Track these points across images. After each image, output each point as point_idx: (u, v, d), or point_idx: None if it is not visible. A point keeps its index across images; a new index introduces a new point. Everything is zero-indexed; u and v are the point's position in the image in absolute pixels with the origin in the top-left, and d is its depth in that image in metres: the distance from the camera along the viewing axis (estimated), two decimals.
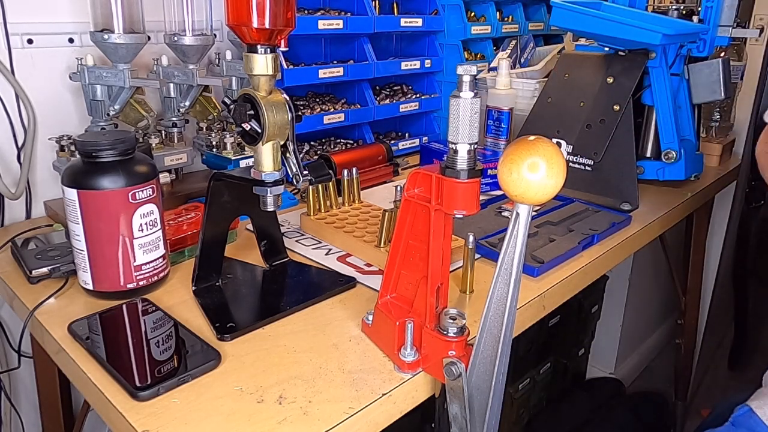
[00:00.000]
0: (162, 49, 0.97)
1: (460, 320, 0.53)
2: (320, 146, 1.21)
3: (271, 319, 0.63)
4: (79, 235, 0.63)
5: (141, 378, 0.52)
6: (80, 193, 0.62)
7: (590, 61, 1.03)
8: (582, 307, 1.52)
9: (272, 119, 0.60)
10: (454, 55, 1.31)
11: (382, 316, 0.57)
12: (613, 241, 0.86)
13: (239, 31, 0.57)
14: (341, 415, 0.49)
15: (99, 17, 0.86)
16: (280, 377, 0.54)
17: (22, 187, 0.88)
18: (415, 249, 0.55)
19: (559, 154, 0.43)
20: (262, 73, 0.59)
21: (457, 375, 0.50)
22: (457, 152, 0.48)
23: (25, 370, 0.94)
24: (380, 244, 0.76)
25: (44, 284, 0.69)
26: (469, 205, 0.49)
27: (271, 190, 0.63)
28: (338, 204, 0.90)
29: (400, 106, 1.27)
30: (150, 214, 0.65)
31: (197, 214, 0.82)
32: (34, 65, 0.90)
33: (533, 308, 0.69)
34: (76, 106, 0.95)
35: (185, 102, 0.95)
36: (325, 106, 1.18)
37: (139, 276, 0.66)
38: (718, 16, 1.00)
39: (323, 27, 1.07)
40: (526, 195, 0.43)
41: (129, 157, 0.64)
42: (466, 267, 0.70)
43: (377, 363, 0.56)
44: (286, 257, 0.76)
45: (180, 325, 0.61)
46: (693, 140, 1.09)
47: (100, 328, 0.61)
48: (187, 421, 0.48)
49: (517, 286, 0.46)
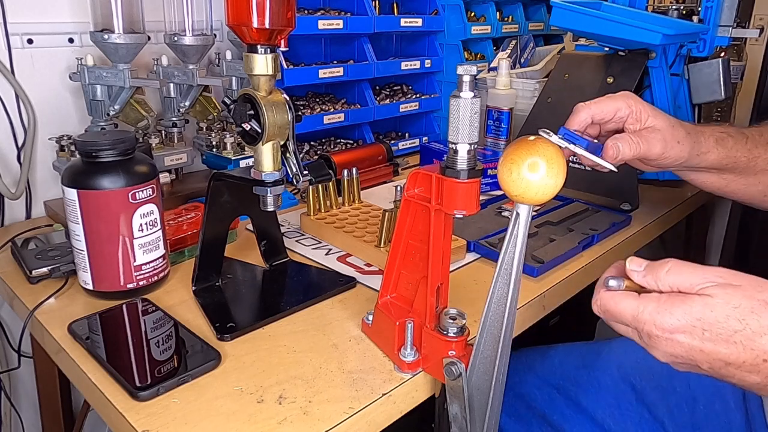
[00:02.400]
0: (162, 49, 0.97)
1: (460, 320, 0.53)
2: (320, 146, 1.22)
3: (271, 319, 0.63)
4: (79, 235, 0.63)
5: (141, 378, 0.52)
6: (80, 193, 0.62)
7: (590, 61, 1.03)
8: (582, 307, 1.52)
9: (272, 119, 0.60)
10: (454, 55, 1.31)
11: (382, 316, 0.57)
12: (613, 241, 0.86)
13: (239, 31, 0.57)
14: (341, 415, 0.49)
15: (99, 17, 0.86)
16: (280, 377, 0.54)
17: (22, 187, 0.88)
18: (415, 249, 0.55)
19: (560, 153, 0.43)
20: (262, 73, 0.59)
21: (457, 375, 0.50)
22: (457, 152, 0.48)
23: (25, 370, 0.94)
24: (380, 244, 0.76)
25: (44, 284, 0.69)
26: (469, 205, 0.49)
27: (271, 190, 0.63)
28: (338, 204, 0.90)
29: (400, 106, 1.27)
30: (150, 214, 0.65)
31: (197, 214, 0.82)
32: (34, 65, 0.90)
33: (533, 308, 0.69)
34: (76, 106, 0.95)
35: (185, 102, 0.95)
36: (325, 106, 1.18)
37: (139, 276, 0.66)
38: (718, 16, 1.00)
39: (323, 27, 1.07)
40: (526, 195, 0.43)
41: (129, 157, 0.64)
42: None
43: (377, 363, 0.56)
44: (286, 257, 0.76)
45: (180, 325, 0.61)
46: None
47: (100, 328, 0.61)
48: (187, 421, 0.48)
49: (517, 286, 0.46)
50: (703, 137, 0.70)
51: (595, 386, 0.78)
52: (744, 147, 0.72)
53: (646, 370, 0.76)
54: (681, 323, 0.44)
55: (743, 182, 0.75)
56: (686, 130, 0.69)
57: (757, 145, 0.73)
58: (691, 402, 0.73)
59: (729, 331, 0.43)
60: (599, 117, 0.68)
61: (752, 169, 0.73)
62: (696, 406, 0.72)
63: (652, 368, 0.76)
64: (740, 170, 0.73)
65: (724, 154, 0.71)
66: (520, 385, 0.84)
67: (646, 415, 0.75)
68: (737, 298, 0.43)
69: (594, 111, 0.67)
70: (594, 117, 0.67)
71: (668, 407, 0.74)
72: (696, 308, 0.43)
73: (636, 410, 0.75)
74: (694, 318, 0.43)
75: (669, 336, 0.44)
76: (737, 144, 0.72)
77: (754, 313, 0.43)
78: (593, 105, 0.67)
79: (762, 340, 0.42)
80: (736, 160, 0.72)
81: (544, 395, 0.82)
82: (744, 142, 0.72)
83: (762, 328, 0.42)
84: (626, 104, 0.67)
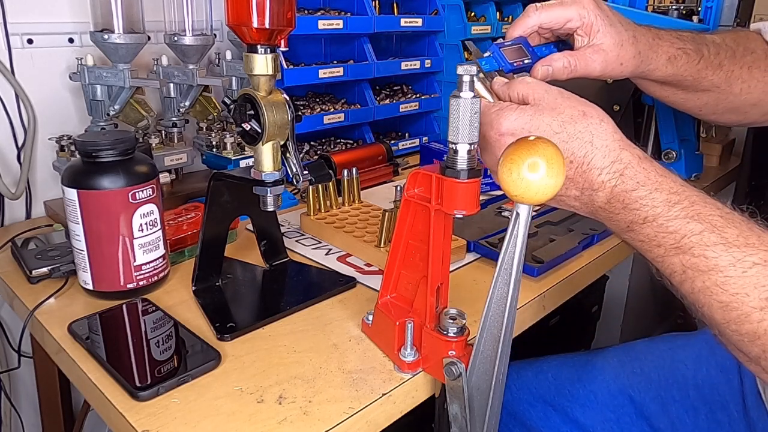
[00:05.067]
0: (162, 49, 0.97)
1: (460, 320, 0.53)
2: (320, 146, 1.21)
3: (271, 319, 0.63)
4: (79, 235, 0.63)
5: (141, 378, 0.52)
6: (80, 193, 0.62)
7: None
8: (582, 307, 1.52)
9: (272, 119, 0.60)
10: (454, 55, 1.31)
11: (382, 316, 0.57)
12: (613, 241, 0.86)
13: (239, 31, 0.57)
14: (341, 415, 0.49)
15: (99, 17, 0.86)
16: (280, 377, 0.54)
17: (22, 187, 0.88)
18: (415, 249, 0.55)
19: (559, 154, 0.43)
20: (262, 73, 0.59)
21: (457, 375, 0.50)
22: (457, 152, 0.48)
23: (25, 370, 0.94)
24: (380, 244, 0.76)
25: (44, 284, 0.69)
26: (469, 205, 0.49)
27: (271, 190, 0.63)
28: (338, 204, 0.90)
29: (400, 106, 1.26)
30: (150, 214, 0.65)
31: (197, 214, 0.82)
32: (34, 65, 0.90)
33: (533, 308, 0.69)
34: (76, 106, 0.95)
35: (185, 102, 0.95)
36: (325, 106, 1.18)
37: (139, 276, 0.66)
38: (718, 16, 1.00)
39: (323, 27, 1.07)
40: (526, 195, 0.43)
41: (129, 157, 0.64)
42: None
43: (377, 363, 0.56)
44: (286, 257, 0.76)
45: (180, 325, 0.61)
46: (693, 140, 1.09)
47: (100, 328, 0.61)
48: (187, 421, 0.48)
49: (517, 286, 0.46)
50: (656, 55, 0.67)
51: (591, 400, 0.77)
52: (695, 68, 0.70)
53: (643, 379, 0.75)
54: (512, 127, 0.51)
55: (683, 96, 0.74)
56: (637, 48, 0.65)
57: (707, 66, 0.70)
58: (692, 412, 0.72)
59: (549, 133, 0.50)
60: (548, 25, 0.64)
61: (694, 88, 0.72)
62: (698, 417, 0.71)
63: (650, 376, 0.75)
64: (683, 87, 0.72)
65: (670, 72, 0.69)
66: (512, 403, 0.82)
67: (647, 429, 0.74)
68: (562, 107, 0.50)
69: (542, 18, 0.63)
70: (542, 24, 0.64)
71: (670, 419, 0.73)
72: (526, 115, 0.51)
73: (636, 425, 0.74)
74: (522, 122, 0.51)
75: (498, 138, 0.52)
76: (688, 63, 0.69)
77: (573, 120, 0.50)
78: (543, 12, 0.63)
79: (573, 144, 0.49)
80: (681, 78, 0.70)
81: (538, 412, 0.80)
82: (697, 62, 0.70)
83: (576, 132, 0.49)
84: (578, 15, 0.62)
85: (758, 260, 0.43)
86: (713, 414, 0.71)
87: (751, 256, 0.43)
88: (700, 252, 0.45)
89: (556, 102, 0.51)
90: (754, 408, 0.68)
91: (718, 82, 0.71)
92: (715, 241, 0.44)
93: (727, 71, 0.71)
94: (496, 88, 0.56)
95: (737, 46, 0.72)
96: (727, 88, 0.72)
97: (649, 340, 0.81)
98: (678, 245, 0.46)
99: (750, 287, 0.43)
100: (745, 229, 0.45)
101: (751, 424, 0.68)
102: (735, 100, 0.73)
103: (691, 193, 0.47)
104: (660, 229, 0.47)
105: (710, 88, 0.72)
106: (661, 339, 0.81)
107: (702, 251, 0.45)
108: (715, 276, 0.44)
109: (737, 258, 0.44)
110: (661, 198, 0.47)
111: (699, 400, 0.72)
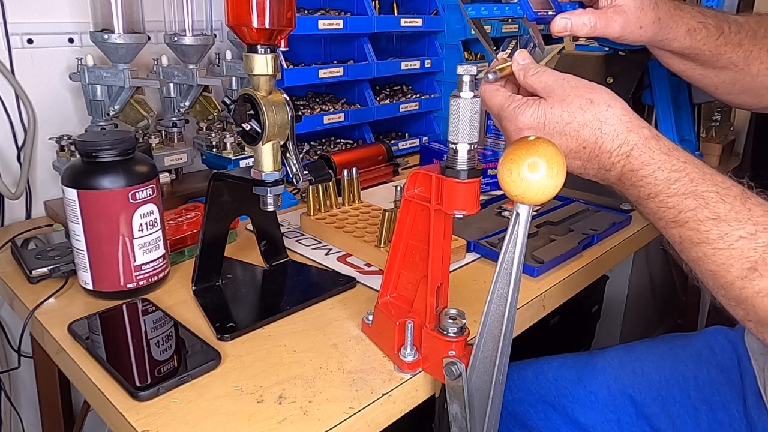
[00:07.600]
0: (162, 49, 0.97)
1: (460, 320, 0.53)
2: (320, 146, 1.21)
3: (271, 319, 0.63)
4: (79, 235, 0.63)
5: (141, 378, 0.52)
6: (80, 193, 0.62)
7: (590, 61, 1.03)
8: (582, 307, 1.52)
9: (272, 119, 0.60)
10: (454, 55, 1.31)
11: (382, 316, 0.57)
12: (613, 241, 0.86)
13: (239, 31, 0.57)
14: (341, 415, 0.49)
15: (99, 17, 0.86)
16: (280, 377, 0.54)
17: (22, 187, 0.88)
18: (415, 249, 0.55)
19: (559, 154, 0.43)
20: (262, 73, 0.59)
21: (457, 375, 0.50)
22: (457, 152, 0.48)
23: (25, 370, 0.94)
24: (380, 244, 0.76)
25: (44, 284, 0.69)
26: (469, 205, 0.49)
27: (271, 190, 0.63)
28: (338, 204, 0.90)
29: (400, 106, 1.26)
30: (150, 214, 0.65)
31: (197, 214, 0.82)
32: (34, 65, 0.90)
33: (533, 308, 0.69)
34: (76, 106, 0.95)
35: (185, 102, 0.95)
36: (325, 106, 1.18)
37: (139, 276, 0.66)
38: None
39: (323, 27, 1.07)
40: (526, 195, 0.43)
41: (129, 157, 0.64)
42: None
43: (377, 363, 0.56)
44: (286, 257, 0.76)
45: (180, 325, 0.61)
46: (693, 140, 1.09)
47: (100, 328, 0.61)
48: (187, 421, 0.48)
49: (517, 286, 0.46)
50: (675, 25, 0.68)
51: (592, 401, 0.77)
52: (713, 43, 0.70)
53: (643, 379, 0.75)
54: (528, 122, 0.54)
55: (700, 72, 0.74)
56: (657, 14, 0.66)
57: (726, 43, 0.71)
58: (693, 413, 0.72)
59: (561, 124, 0.53)
60: None
61: (712, 64, 0.72)
62: (698, 417, 0.71)
63: (650, 377, 0.75)
64: (701, 62, 0.72)
65: (688, 45, 0.69)
66: (512, 403, 0.82)
67: (647, 430, 0.74)
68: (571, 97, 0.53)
69: None
70: None
71: (670, 419, 0.73)
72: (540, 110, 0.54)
73: (637, 425, 0.74)
74: (537, 117, 0.54)
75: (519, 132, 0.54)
76: (708, 38, 0.69)
77: (581, 109, 0.52)
78: None
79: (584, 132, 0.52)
80: (699, 53, 0.70)
81: (538, 413, 0.80)
82: (716, 37, 0.70)
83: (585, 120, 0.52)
84: None
85: (744, 233, 0.47)
86: (714, 414, 0.71)
87: (738, 230, 0.48)
88: (693, 226, 0.49)
89: (564, 93, 0.53)
90: (755, 408, 0.68)
91: (737, 61, 0.71)
92: (707, 216, 0.49)
93: (746, 50, 0.71)
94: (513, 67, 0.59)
95: (759, 28, 0.72)
96: (745, 68, 0.72)
97: (649, 341, 0.81)
98: (676, 219, 0.51)
99: (735, 258, 0.47)
100: (738, 204, 0.49)
101: (751, 424, 0.68)
102: (752, 81, 0.73)
103: (691, 170, 0.51)
104: (661, 204, 0.51)
105: (728, 66, 0.72)
106: (661, 339, 0.81)
107: (695, 225, 0.49)
108: (705, 248, 0.49)
109: (725, 232, 0.48)
110: (663, 176, 0.51)
111: (700, 401, 0.72)
